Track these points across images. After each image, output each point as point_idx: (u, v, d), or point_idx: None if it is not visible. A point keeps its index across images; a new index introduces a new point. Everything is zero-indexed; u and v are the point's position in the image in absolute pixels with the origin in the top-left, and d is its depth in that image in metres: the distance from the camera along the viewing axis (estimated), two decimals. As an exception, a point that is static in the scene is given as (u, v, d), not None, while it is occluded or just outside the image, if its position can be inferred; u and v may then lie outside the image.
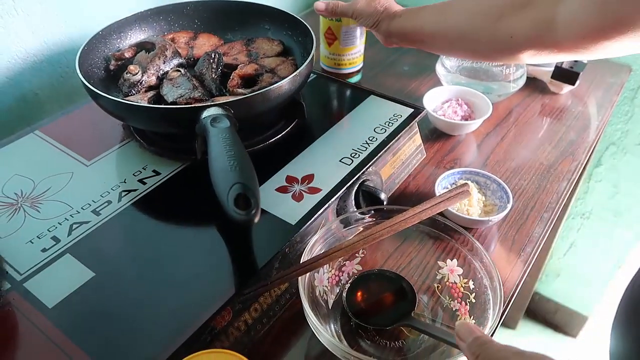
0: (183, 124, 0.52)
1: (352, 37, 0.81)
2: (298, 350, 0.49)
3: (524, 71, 0.81)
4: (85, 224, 0.50)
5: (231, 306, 0.45)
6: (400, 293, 0.51)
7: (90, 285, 0.44)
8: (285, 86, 0.55)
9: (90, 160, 0.58)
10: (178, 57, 0.65)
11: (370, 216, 0.53)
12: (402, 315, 0.49)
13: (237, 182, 0.39)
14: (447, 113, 0.76)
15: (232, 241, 0.50)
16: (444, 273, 0.52)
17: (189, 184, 0.55)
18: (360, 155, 0.58)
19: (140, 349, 0.40)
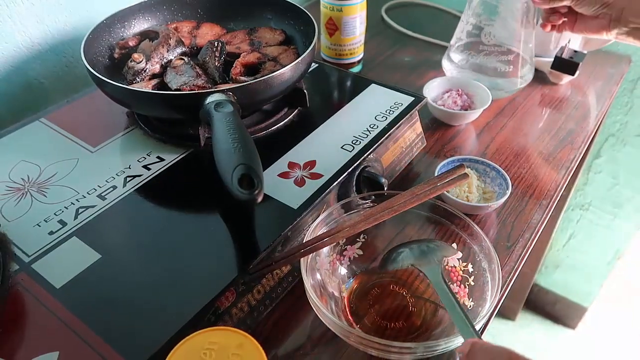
0: (187, 110, 0.53)
1: (352, 28, 0.81)
2: (300, 331, 0.50)
3: (531, 67, 0.81)
4: (91, 208, 0.51)
5: (235, 287, 0.46)
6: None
7: (97, 267, 0.45)
8: (287, 73, 0.56)
9: (95, 147, 0.59)
10: (181, 46, 0.65)
11: (372, 201, 0.54)
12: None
13: (241, 163, 0.40)
14: (447, 103, 0.76)
15: (236, 225, 0.50)
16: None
17: (193, 170, 0.56)
18: (362, 142, 0.59)
19: (145, 327, 0.41)
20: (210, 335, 0.38)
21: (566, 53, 0.81)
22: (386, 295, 0.53)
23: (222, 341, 0.37)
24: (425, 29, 0.99)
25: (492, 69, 0.80)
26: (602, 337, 1.48)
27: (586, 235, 1.30)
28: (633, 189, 1.15)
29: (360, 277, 0.55)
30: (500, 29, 0.78)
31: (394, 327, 0.50)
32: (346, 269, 0.54)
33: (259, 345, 0.37)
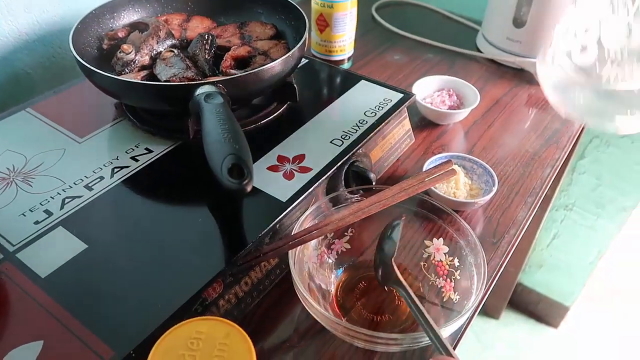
0: (177, 101, 0.53)
1: (343, 25, 0.82)
2: (287, 323, 0.50)
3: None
4: (78, 198, 0.51)
5: (222, 279, 0.46)
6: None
7: (83, 257, 0.45)
8: (277, 67, 0.56)
9: (82, 138, 0.58)
10: (171, 38, 0.65)
11: (360, 196, 0.54)
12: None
13: (231, 153, 0.40)
14: (436, 102, 0.77)
15: (224, 217, 0.50)
16: (430, 252, 0.54)
17: (181, 162, 0.56)
18: (351, 137, 0.59)
19: (132, 317, 0.41)
20: (197, 325, 0.38)
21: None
22: (373, 288, 0.53)
23: (209, 331, 0.37)
24: (415, 28, 1.00)
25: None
26: (584, 336, 1.51)
27: (570, 235, 1.32)
28: (616, 190, 1.17)
29: (348, 270, 0.55)
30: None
31: (380, 320, 0.50)
32: (334, 262, 0.54)
33: (246, 335, 0.37)
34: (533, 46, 0.87)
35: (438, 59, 0.93)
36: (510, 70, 0.90)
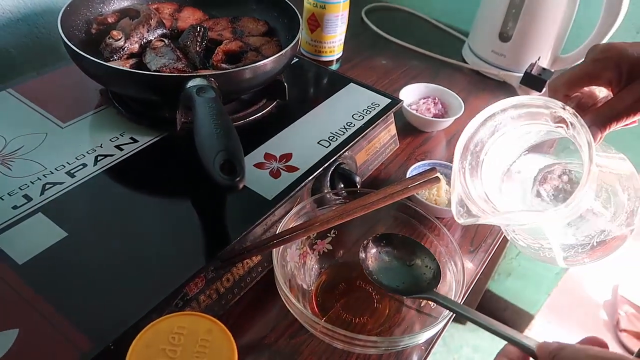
0: (167, 92, 0.52)
1: (334, 26, 0.82)
2: (266, 321, 0.50)
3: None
4: (59, 184, 0.49)
5: (204, 274, 0.46)
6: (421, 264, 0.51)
7: (63, 245, 0.44)
8: (269, 64, 0.56)
9: (65, 123, 0.57)
10: (162, 28, 0.64)
11: (344, 197, 0.55)
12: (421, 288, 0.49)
13: (223, 149, 0.40)
14: (421, 109, 0.78)
15: (208, 212, 0.50)
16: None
17: (167, 153, 0.55)
18: (338, 139, 0.59)
19: (112, 309, 0.40)
20: (178, 320, 0.37)
21: (535, 70, 0.84)
22: (353, 290, 0.54)
23: (191, 326, 0.37)
24: (403, 34, 1.01)
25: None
26: (546, 344, 1.55)
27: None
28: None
29: (329, 271, 0.55)
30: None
31: (358, 322, 0.51)
32: (315, 262, 0.55)
33: (228, 331, 0.37)
34: (517, 60, 0.89)
35: (424, 67, 0.94)
36: (493, 83, 0.92)
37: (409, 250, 0.52)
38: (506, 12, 0.86)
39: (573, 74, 0.39)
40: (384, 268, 0.52)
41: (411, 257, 0.52)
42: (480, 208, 0.40)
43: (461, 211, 0.41)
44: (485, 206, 0.40)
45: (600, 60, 0.38)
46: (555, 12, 0.83)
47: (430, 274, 0.50)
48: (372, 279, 0.50)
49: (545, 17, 0.84)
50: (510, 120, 0.40)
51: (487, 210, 0.40)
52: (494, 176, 0.43)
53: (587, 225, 0.40)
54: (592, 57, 0.38)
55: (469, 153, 0.42)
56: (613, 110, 0.37)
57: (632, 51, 0.37)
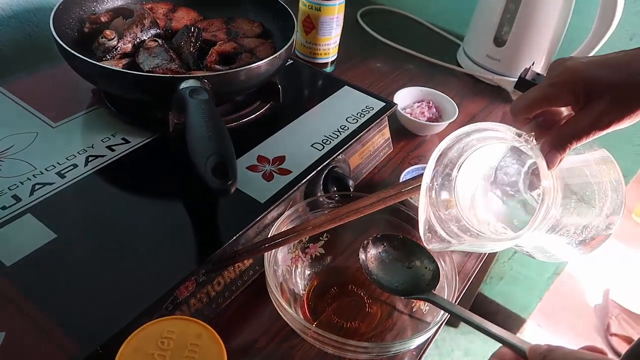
0: (159, 93, 0.52)
1: (329, 28, 0.82)
2: (257, 325, 0.50)
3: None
4: (49, 185, 0.49)
5: (195, 277, 0.46)
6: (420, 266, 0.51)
7: (52, 247, 0.44)
8: (264, 67, 0.56)
9: (56, 122, 0.57)
10: (156, 28, 0.64)
11: (337, 201, 0.55)
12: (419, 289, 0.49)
13: (215, 152, 0.40)
14: (415, 113, 0.78)
15: (200, 215, 0.50)
16: (402, 261, 0.54)
17: (159, 155, 0.55)
18: (332, 142, 0.59)
19: (100, 312, 0.40)
20: (168, 325, 0.37)
21: (529, 75, 0.85)
22: (344, 294, 0.54)
23: (181, 331, 0.37)
24: (398, 37, 1.01)
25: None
26: (537, 347, 1.56)
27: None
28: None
29: (321, 275, 0.55)
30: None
31: (349, 327, 0.51)
32: (307, 266, 0.55)
33: (218, 336, 0.37)
34: (512, 65, 0.89)
35: (419, 70, 0.94)
36: (487, 87, 0.92)
37: (409, 251, 0.52)
38: (501, 17, 0.86)
39: (531, 99, 0.39)
40: (383, 268, 0.51)
41: (410, 258, 0.52)
42: (451, 232, 0.40)
43: (430, 237, 0.41)
44: (457, 230, 0.41)
45: (556, 84, 0.38)
46: (549, 18, 0.84)
47: (430, 275, 0.50)
48: (372, 279, 0.50)
49: (539, 23, 0.84)
50: (477, 142, 0.41)
51: (459, 233, 0.40)
52: (469, 194, 0.43)
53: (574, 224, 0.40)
54: (548, 82, 0.38)
55: (438, 175, 0.42)
56: (572, 131, 0.37)
57: (588, 73, 0.37)
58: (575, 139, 0.36)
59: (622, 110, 0.36)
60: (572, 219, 0.39)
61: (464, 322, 0.43)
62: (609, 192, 0.39)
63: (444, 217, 0.42)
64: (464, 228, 0.41)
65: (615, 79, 0.36)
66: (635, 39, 0.90)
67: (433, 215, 0.42)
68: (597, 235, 0.40)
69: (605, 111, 0.36)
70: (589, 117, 0.36)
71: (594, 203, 0.40)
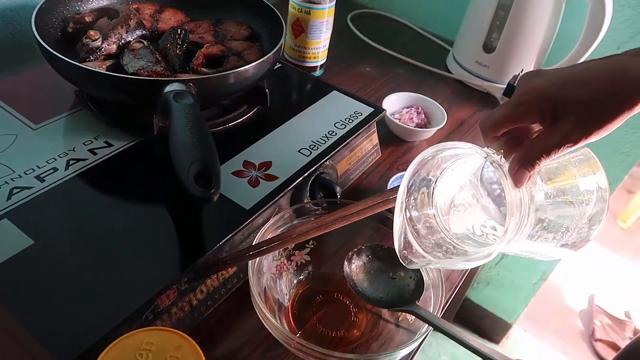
0: (143, 96, 0.51)
1: (319, 32, 0.81)
2: (240, 335, 0.49)
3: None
4: (27, 189, 0.48)
5: (177, 286, 0.44)
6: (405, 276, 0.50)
7: (28, 254, 0.42)
8: (250, 70, 0.55)
9: (37, 125, 0.55)
10: (142, 29, 0.63)
11: (324, 208, 0.54)
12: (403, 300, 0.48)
13: (198, 159, 0.39)
14: (404, 118, 0.78)
15: (183, 221, 0.49)
16: (389, 269, 0.54)
17: (142, 159, 0.54)
18: (319, 148, 0.58)
19: (77, 322, 0.39)
20: (147, 336, 0.36)
21: (518, 81, 0.85)
22: (330, 302, 0.53)
23: (160, 342, 0.36)
24: (388, 42, 1.01)
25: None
26: (523, 352, 1.57)
27: (516, 257, 1.37)
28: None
29: (306, 283, 0.54)
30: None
31: (334, 336, 0.50)
32: (293, 274, 0.54)
33: (198, 347, 0.36)
34: (501, 72, 0.89)
35: (408, 75, 0.94)
36: (476, 93, 0.92)
37: (393, 262, 0.51)
38: (490, 24, 0.86)
39: (497, 118, 0.39)
40: (367, 280, 0.51)
41: (395, 269, 0.51)
42: (427, 247, 0.40)
43: (405, 253, 0.41)
44: (433, 245, 0.41)
45: (521, 104, 0.38)
46: (539, 25, 0.84)
47: (414, 284, 0.49)
48: (356, 292, 0.49)
49: (529, 29, 0.84)
50: (451, 157, 0.41)
51: (435, 248, 0.40)
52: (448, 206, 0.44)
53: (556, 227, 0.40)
54: (515, 101, 0.38)
55: (414, 190, 0.42)
56: (541, 148, 0.36)
57: (554, 92, 0.37)
58: (544, 155, 0.36)
59: (590, 126, 0.36)
60: (554, 222, 0.39)
61: (447, 336, 0.43)
62: (593, 193, 0.39)
63: (421, 232, 0.42)
64: (441, 242, 0.41)
65: (582, 97, 0.36)
66: (623, 47, 0.91)
67: (409, 230, 0.42)
68: (580, 238, 0.40)
69: (573, 129, 0.36)
70: (557, 134, 0.36)
71: (576, 204, 0.40)
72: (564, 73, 0.38)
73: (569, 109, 0.36)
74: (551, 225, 0.39)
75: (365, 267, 0.51)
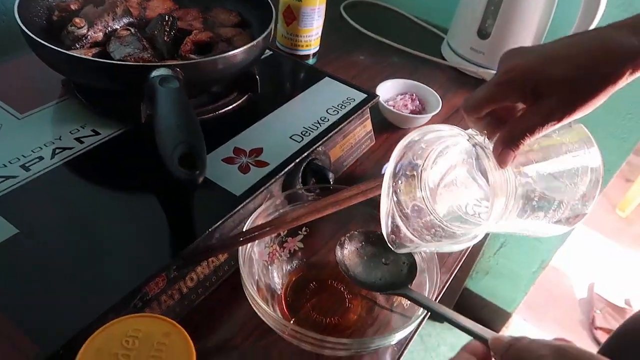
0: (129, 83, 0.50)
1: (311, 19, 0.80)
2: (233, 322, 0.48)
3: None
4: (12, 178, 0.47)
5: (166, 273, 0.44)
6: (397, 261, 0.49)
7: (13, 243, 0.41)
8: (239, 55, 0.54)
9: (23, 114, 0.54)
10: (129, 16, 0.62)
11: (316, 194, 0.53)
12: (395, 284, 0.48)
13: (183, 141, 0.38)
14: (398, 105, 0.77)
15: (173, 208, 0.48)
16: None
17: (131, 147, 0.53)
18: (311, 134, 0.57)
19: (63, 311, 0.38)
20: (134, 322, 0.35)
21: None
22: (324, 289, 0.52)
23: (147, 329, 0.35)
24: (382, 30, 1.00)
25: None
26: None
27: (516, 244, 1.36)
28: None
29: (299, 270, 0.53)
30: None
31: (329, 323, 0.49)
32: (286, 261, 0.53)
33: (187, 335, 0.35)
34: (496, 58, 0.87)
35: (402, 63, 0.93)
36: (471, 80, 0.91)
37: (386, 247, 0.50)
38: (485, 9, 0.85)
39: (479, 99, 0.38)
40: (360, 265, 0.50)
41: (387, 254, 0.50)
42: (415, 230, 0.40)
43: (394, 238, 0.41)
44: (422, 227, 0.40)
45: (502, 84, 0.37)
46: (533, 10, 0.83)
47: (406, 269, 0.48)
48: (349, 276, 0.49)
49: (523, 15, 0.83)
50: (435, 139, 0.40)
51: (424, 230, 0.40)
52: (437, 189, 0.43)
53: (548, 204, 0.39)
54: (495, 80, 0.37)
55: (401, 176, 0.42)
56: (525, 127, 0.36)
57: (534, 71, 0.36)
58: (528, 134, 0.36)
59: (573, 103, 0.35)
60: (546, 198, 0.39)
61: (439, 316, 0.42)
62: (586, 169, 0.38)
63: (410, 215, 0.41)
64: (430, 224, 0.40)
65: (563, 74, 0.35)
66: (619, 31, 0.90)
67: (397, 214, 0.41)
68: (574, 213, 0.39)
69: (556, 106, 0.35)
70: (541, 113, 0.35)
71: (567, 179, 0.39)
72: (545, 50, 0.37)
73: (551, 87, 0.35)
74: (542, 202, 0.38)
75: (358, 252, 0.50)
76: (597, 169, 0.38)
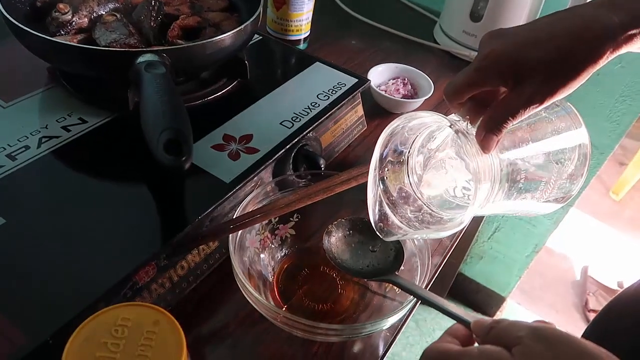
0: (115, 69, 0.49)
1: (301, 3, 0.79)
2: (225, 311, 0.48)
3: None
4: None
5: (156, 262, 0.43)
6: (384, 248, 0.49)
7: (0, 233, 0.41)
8: (227, 40, 0.53)
9: (8, 103, 0.53)
10: (114, 2, 0.60)
11: (308, 180, 0.53)
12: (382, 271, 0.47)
13: (168, 128, 0.37)
14: (390, 90, 0.76)
15: (162, 196, 0.47)
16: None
17: (118, 134, 0.52)
18: (302, 120, 0.57)
19: (51, 300, 0.37)
20: (123, 311, 0.35)
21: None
22: (316, 276, 0.52)
23: (137, 318, 0.34)
24: (373, 14, 0.99)
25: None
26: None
27: (510, 229, 1.36)
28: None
29: (291, 257, 0.53)
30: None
31: (321, 309, 0.49)
32: (277, 248, 0.53)
33: (177, 323, 0.35)
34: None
35: (394, 47, 0.92)
36: (464, 63, 0.90)
37: (374, 234, 0.50)
38: (477, -9, 0.84)
39: (459, 84, 0.38)
40: (347, 252, 0.50)
41: (375, 241, 0.50)
42: (403, 217, 0.40)
43: (382, 226, 0.41)
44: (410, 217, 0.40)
45: (481, 69, 0.36)
46: (526, -8, 0.82)
47: (393, 256, 0.48)
48: (336, 263, 0.48)
49: (516, -3, 0.82)
50: (419, 126, 0.40)
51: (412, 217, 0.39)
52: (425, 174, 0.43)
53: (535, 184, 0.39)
54: (475, 65, 0.37)
55: (387, 163, 0.42)
56: (506, 112, 0.35)
57: (513, 55, 0.35)
58: (510, 118, 0.35)
59: (555, 84, 0.35)
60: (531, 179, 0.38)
61: (424, 302, 0.42)
62: (574, 148, 0.38)
63: (397, 202, 0.41)
64: (417, 210, 0.40)
65: (542, 57, 0.35)
66: (612, 13, 0.89)
67: (385, 202, 0.41)
68: (563, 193, 0.39)
69: (537, 89, 0.35)
70: (522, 96, 0.35)
71: (553, 158, 0.39)
72: (524, 31, 0.36)
73: (531, 70, 0.35)
74: (529, 183, 0.38)
75: (345, 240, 0.50)
76: (584, 147, 0.38)
